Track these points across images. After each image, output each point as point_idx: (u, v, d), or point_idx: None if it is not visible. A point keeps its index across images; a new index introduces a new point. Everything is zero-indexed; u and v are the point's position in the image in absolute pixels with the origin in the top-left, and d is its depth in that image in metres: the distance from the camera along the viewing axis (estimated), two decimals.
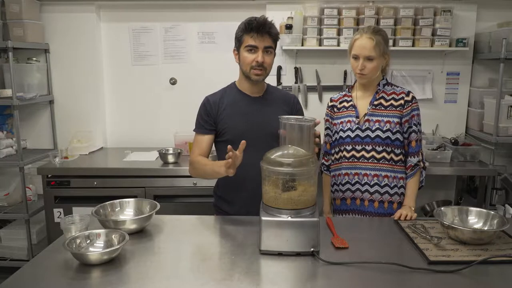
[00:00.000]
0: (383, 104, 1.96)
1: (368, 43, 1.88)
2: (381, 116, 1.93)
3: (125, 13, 3.35)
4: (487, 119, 3.10)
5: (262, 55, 1.79)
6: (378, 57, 1.89)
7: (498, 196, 3.08)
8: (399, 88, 1.99)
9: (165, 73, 3.41)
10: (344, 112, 2.01)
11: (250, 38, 1.78)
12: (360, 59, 1.89)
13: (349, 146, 1.96)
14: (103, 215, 1.66)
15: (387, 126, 1.91)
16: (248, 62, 1.81)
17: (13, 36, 3.01)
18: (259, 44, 1.78)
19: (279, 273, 1.34)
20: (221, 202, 1.98)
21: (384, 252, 1.47)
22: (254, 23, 1.78)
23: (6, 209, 3.08)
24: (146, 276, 1.30)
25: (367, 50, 1.88)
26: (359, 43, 1.90)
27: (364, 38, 1.89)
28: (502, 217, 1.57)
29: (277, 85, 3.33)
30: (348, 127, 1.97)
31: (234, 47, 1.88)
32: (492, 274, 1.33)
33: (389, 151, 1.92)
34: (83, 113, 3.39)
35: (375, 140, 1.91)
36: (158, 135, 3.41)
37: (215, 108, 1.88)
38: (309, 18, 3.11)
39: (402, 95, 1.95)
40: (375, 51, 1.87)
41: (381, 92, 1.98)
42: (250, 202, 1.86)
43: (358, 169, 1.93)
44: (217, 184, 2.03)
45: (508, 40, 2.86)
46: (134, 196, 2.31)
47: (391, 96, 1.97)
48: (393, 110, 1.94)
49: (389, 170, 1.92)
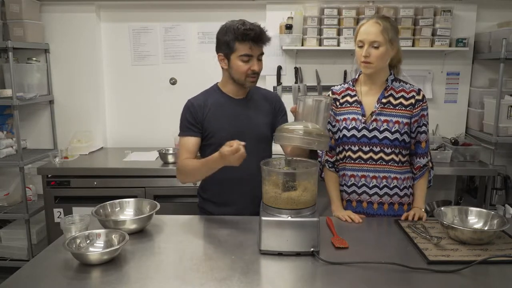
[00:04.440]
0: (392, 103, 1.82)
1: (374, 27, 1.73)
2: (390, 116, 1.80)
3: (125, 13, 3.35)
4: (487, 119, 3.10)
5: (257, 63, 1.77)
6: (384, 43, 1.73)
7: (498, 196, 3.09)
8: (408, 85, 1.85)
9: (165, 73, 3.41)
10: (348, 108, 1.87)
11: (246, 47, 1.73)
12: (365, 46, 1.74)
13: (355, 146, 1.83)
14: (103, 215, 1.67)
15: (395, 127, 1.78)
16: (243, 71, 1.76)
17: (13, 36, 3.01)
18: (255, 53, 1.76)
19: (279, 273, 1.34)
20: (207, 204, 1.95)
21: (384, 252, 1.47)
22: (251, 33, 1.71)
23: (6, 209, 3.08)
24: (146, 276, 1.30)
25: (372, 35, 1.72)
26: (364, 29, 1.76)
27: (370, 23, 1.75)
28: (502, 217, 1.57)
29: (277, 85, 3.33)
30: (353, 125, 1.82)
31: (221, 52, 1.79)
32: (492, 274, 1.33)
33: (397, 153, 1.81)
34: (83, 113, 3.39)
35: (383, 141, 1.79)
36: (158, 135, 3.41)
37: (200, 111, 1.84)
38: (309, 18, 3.11)
39: (413, 93, 1.82)
40: (381, 36, 1.72)
41: (390, 89, 1.83)
42: (239, 203, 1.87)
43: (365, 171, 1.82)
44: (202, 185, 2.00)
45: (508, 40, 2.86)
46: (134, 196, 2.30)
47: (400, 94, 1.83)
48: (403, 109, 1.81)
49: (397, 172, 1.82)
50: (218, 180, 1.85)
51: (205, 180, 1.91)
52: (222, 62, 1.82)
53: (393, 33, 1.75)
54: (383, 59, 1.77)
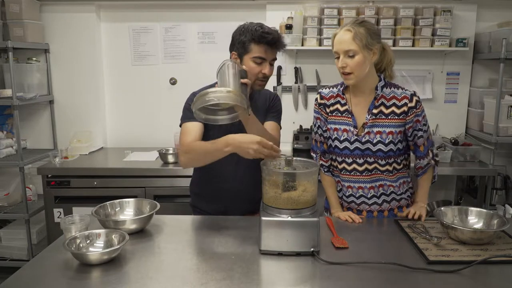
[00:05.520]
0: (383, 112, 1.74)
1: (346, 35, 1.63)
2: (382, 127, 1.73)
3: (125, 13, 3.35)
4: (487, 119, 3.10)
5: (269, 68, 1.76)
6: (360, 51, 1.62)
7: (498, 196, 3.09)
8: (400, 90, 1.75)
9: (165, 73, 3.41)
10: (338, 118, 1.80)
11: (261, 50, 1.71)
12: (341, 56, 1.66)
13: (349, 158, 1.78)
14: (103, 215, 1.66)
15: (389, 138, 1.72)
16: (254, 73, 1.74)
17: (13, 36, 3.02)
18: (268, 57, 1.74)
19: (279, 273, 1.34)
20: (199, 201, 1.96)
21: (384, 252, 1.47)
22: (269, 37, 1.70)
23: (6, 209, 3.08)
24: (146, 276, 1.30)
25: (345, 44, 1.63)
26: (337, 38, 1.67)
27: (342, 31, 1.65)
28: (502, 217, 1.57)
29: (277, 85, 3.33)
30: (345, 137, 1.77)
31: (234, 51, 1.78)
32: (492, 274, 1.33)
33: (391, 162, 1.76)
34: (83, 113, 3.40)
35: (377, 153, 1.74)
36: (158, 135, 3.41)
37: None
38: (309, 18, 3.11)
39: (405, 100, 1.72)
40: (354, 44, 1.61)
41: (380, 97, 1.74)
42: (231, 202, 1.88)
43: (362, 183, 1.79)
44: (194, 181, 1.99)
45: (508, 40, 2.86)
46: (134, 196, 2.31)
47: (391, 101, 1.73)
48: (395, 119, 1.73)
49: (393, 180, 1.79)
50: (211, 178, 1.86)
51: (198, 176, 1.92)
52: (235, 60, 1.78)
53: (369, 37, 1.63)
54: (362, 68, 1.66)
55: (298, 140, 3.12)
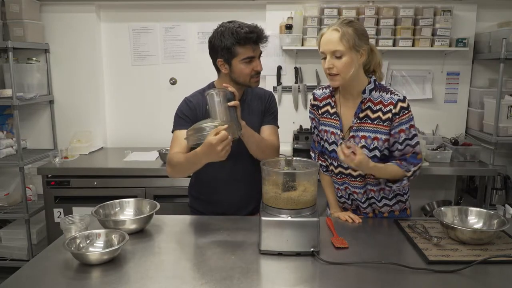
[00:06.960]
0: (369, 116, 1.66)
1: (333, 35, 1.57)
2: (368, 132, 1.66)
3: (125, 13, 3.35)
4: (487, 119, 3.10)
5: (259, 63, 1.76)
6: (347, 52, 1.56)
7: (498, 196, 3.09)
8: (389, 95, 1.64)
9: (165, 73, 3.41)
10: (327, 119, 1.77)
11: (248, 50, 1.70)
12: (327, 56, 1.60)
13: (335, 161, 1.76)
14: (103, 215, 1.67)
15: (374, 144, 1.65)
16: (247, 73, 1.74)
17: (13, 36, 3.02)
18: (256, 53, 1.74)
19: (279, 273, 1.34)
20: (197, 203, 1.96)
21: (384, 252, 1.47)
22: (253, 36, 1.69)
23: (6, 209, 3.08)
24: (146, 276, 1.30)
25: (332, 44, 1.57)
26: (324, 38, 1.61)
27: (329, 31, 1.59)
28: (502, 217, 1.57)
29: (277, 85, 3.33)
30: (333, 139, 1.74)
31: (220, 58, 1.75)
32: (492, 274, 1.33)
33: None
34: (83, 113, 3.40)
35: None
36: (158, 135, 3.41)
37: (198, 108, 1.81)
38: (309, 18, 3.11)
39: (390, 106, 1.62)
40: (341, 44, 1.55)
41: (367, 100, 1.67)
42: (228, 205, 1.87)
43: (348, 185, 1.77)
44: (191, 184, 1.99)
45: (508, 40, 2.86)
46: (134, 196, 2.31)
47: (378, 106, 1.65)
48: (380, 125, 1.64)
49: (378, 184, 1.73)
50: (210, 180, 1.86)
51: (196, 179, 1.92)
52: (222, 67, 1.78)
53: (357, 38, 1.58)
54: (349, 69, 1.59)
55: (298, 140, 3.12)
